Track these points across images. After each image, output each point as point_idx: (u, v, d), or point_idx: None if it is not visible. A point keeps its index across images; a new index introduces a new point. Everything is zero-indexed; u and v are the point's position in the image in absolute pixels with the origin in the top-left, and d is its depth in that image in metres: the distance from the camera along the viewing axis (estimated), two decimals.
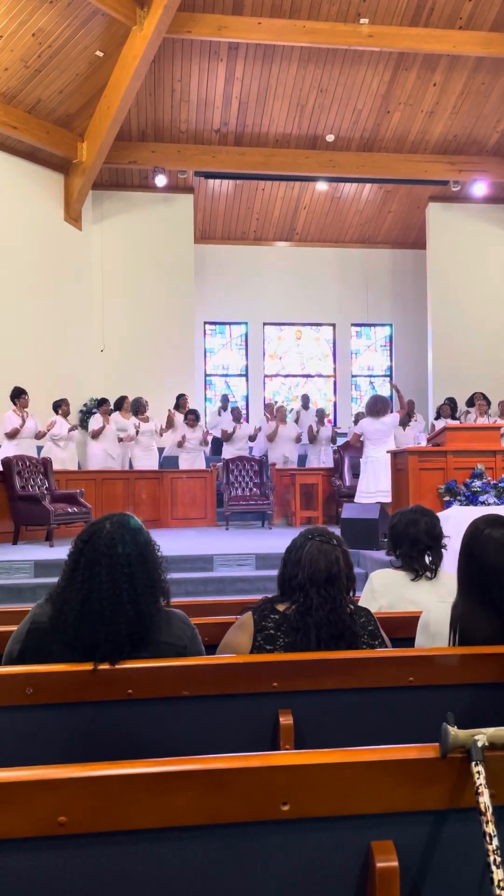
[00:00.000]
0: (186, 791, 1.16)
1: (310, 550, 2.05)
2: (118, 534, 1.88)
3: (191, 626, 2.00)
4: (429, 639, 2.17)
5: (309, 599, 1.98)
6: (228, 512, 9.12)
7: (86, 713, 1.78)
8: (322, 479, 9.51)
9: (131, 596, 1.82)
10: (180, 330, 12.34)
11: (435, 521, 2.82)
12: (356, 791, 1.19)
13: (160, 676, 1.80)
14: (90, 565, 1.84)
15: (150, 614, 1.85)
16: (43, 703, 1.76)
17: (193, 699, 1.81)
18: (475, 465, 6.03)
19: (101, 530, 1.88)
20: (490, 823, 1.12)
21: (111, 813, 1.15)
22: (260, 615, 2.06)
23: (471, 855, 1.20)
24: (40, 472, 7.93)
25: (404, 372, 14.22)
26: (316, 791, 1.18)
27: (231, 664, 1.88)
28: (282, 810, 1.17)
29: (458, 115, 11.49)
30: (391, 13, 10.08)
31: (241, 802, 1.17)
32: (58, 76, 9.79)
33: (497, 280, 12.85)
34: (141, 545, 1.90)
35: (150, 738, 1.79)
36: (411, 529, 2.76)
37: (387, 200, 13.26)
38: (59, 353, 10.81)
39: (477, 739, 1.20)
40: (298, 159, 11.80)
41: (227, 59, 10.50)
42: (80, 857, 1.14)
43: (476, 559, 2.04)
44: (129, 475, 9.24)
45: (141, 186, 12.23)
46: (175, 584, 6.78)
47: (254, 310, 13.73)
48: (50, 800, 1.13)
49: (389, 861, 1.15)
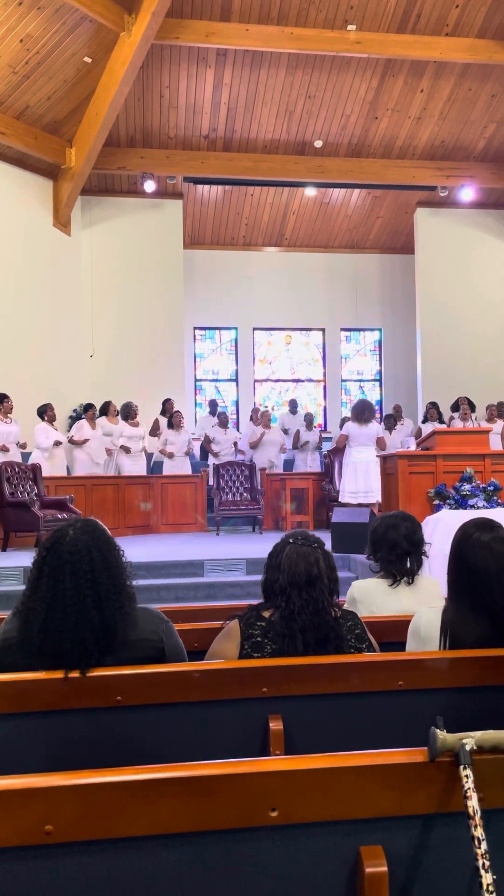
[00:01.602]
0: (174, 798, 1.16)
1: (289, 553, 2.05)
2: (81, 540, 1.86)
3: (164, 619, 1.99)
4: (420, 643, 2.17)
5: (291, 603, 1.98)
6: (219, 517, 9.11)
7: (75, 721, 1.77)
8: (312, 483, 9.51)
9: (95, 602, 1.80)
10: (170, 335, 12.34)
11: (416, 526, 2.81)
12: (344, 796, 1.18)
13: (149, 683, 1.79)
14: (53, 573, 1.82)
15: (114, 620, 1.83)
16: (31, 712, 1.74)
17: (183, 705, 1.81)
18: (464, 468, 6.04)
19: (64, 537, 1.87)
20: (478, 827, 1.12)
21: (98, 821, 1.14)
22: (246, 623, 2.04)
23: (460, 859, 1.19)
24: (29, 478, 7.90)
25: (393, 376, 14.28)
26: (304, 796, 1.18)
27: (220, 670, 1.87)
28: (270, 816, 1.17)
29: (445, 121, 11.56)
30: (378, 20, 10.14)
31: (230, 809, 1.16)
32: (46, 82, 9.79)
33: (485, 284, 12.92)
34: (105, 551, 1.88)
35: (140, 745, 1.78)
36: (391, 534, 2.76)
37: (375, 206, 13.32)
38: (49, 359, 10.78)
39: (465, 743, 1.20)
40: (287, 165, 11.84)
41: (215, 65, 10.53)
42: (68, 866, 1.13)
43: (466, 563, 2.04)
44: (119, 480, 9.21)
45: (130, 192, 12.23)
46: (165, 589, 6.70)
47: (243, 315, 13.75)
48: (36, 808, 1.12)
49: (378, 866, 1.15)
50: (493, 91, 11.15)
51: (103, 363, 11.83)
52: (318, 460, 10.50)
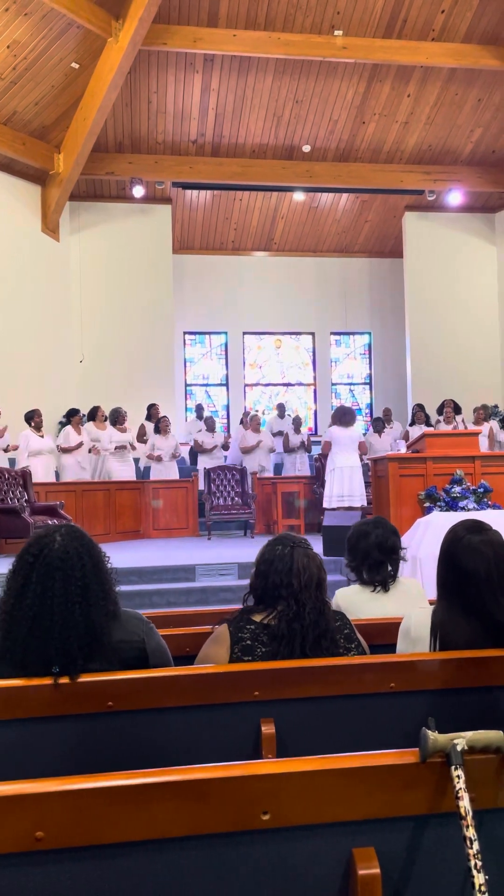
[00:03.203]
0: (165, 803, 1.15)
1: (300, 558, 2.06)
2: (71, 546, 1.84)
3: (145, 620, 1.98)
4: (410, 644, 2.18)
5: (301, 606, 1.99)
6: (210, 521, 9.10)
7: (66, 727, 1.76)
8: (303, 487, 9.52)
9: (84, 609, 1.79)
10: (160, 340, 12.33)
11: (388, 533, 2.79)
12: (336, 798, 1.18)
13: (141, 688, 1.78)
14: (43, 580, 1.79)
15: (100, 625, 1.82)
16: (21, 718, 1.73)
17: (174, 710, 1.80)
18: (454, 470, 6.07)
19: (52, 543, 1.84)
20: (470, 828, 1.12)
21: (90, 827, 1.13)
22: (236, 626, 2.04)
23: (452, 859, 1.19)
24: (19, 484, 7.87)
25: (383, 379, 14.33)
26: (296, 799, 1.17)
27: (212, 674, 1.87)
28: (262, 819, 1.16)
29: (432, 126, 11.63)
30: (365, 25, 10.19)
31: (221, 813, 1.16)
32: (33, 88, 9.78)
33: (473, 287, 12.99)
34: (94, 557, 1.88)
35: (132, 750, 1.77)
36: (362, 543, 2.76)
37: (363, 210, 13.37)
38: (38, 365, 10.75)
39: (456, 743, 1.20)
40: (275, 170, 11.87)
41: (202, 70, 10.56)
42: (59, 872, 1.13)
43: (457, 565, 2.04)
44: (110, 486, 9.18)
45: (118, 197, 12.23)
46: (157, 594, 6.68)
47: (233, 319, 13.76)
48: (27, 814, 1.12)
49: (371, 868, 1.15)
50: (480, 95, 11.23)
51: (93, 369, 11.81)
52: (308, 464, 10.51)
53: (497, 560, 2.03)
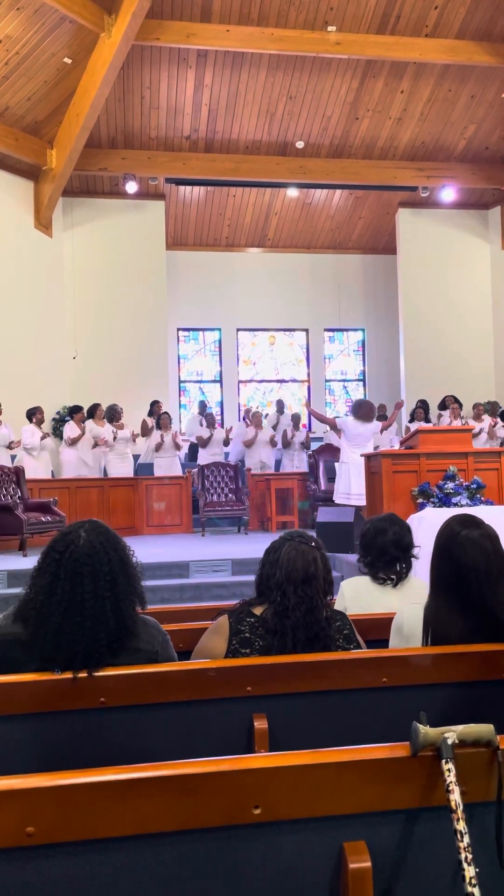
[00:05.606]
0: (156, 797, 1.15)
1: (287, 551, 2.06)
2: (97, 542, 1.85)
3: (162, 631, 1.99)
4: (403, 640, 2.18)
5: (286, 599, 1.99)
6: (204, 518, 9.10)
7: (58, 723, 1.75)
8: (297, 483, 9.52)
9: (114, 604, 1.80)
10: (153, 336, 12.30)
11: (404, 531, 2.81)
12: (327, 792, 1.18)
13: (133, 684, 1.78)
14: (71, 576, 1.80)
15: (131, 621, 1.84)
16: (14, 714, 1.73)
17: (167, 705, 1.80)
18: (448, 466, 6.08)
19: (78, 539, 1.84)
20: (461, 821, 1.13)
21: (81, 822, 1.13)
22: (236, 619, 2.05)
23: (443, 853, 1.20)
24: (13, 480, 7.85)
25: (377, 375, 14.34)
26: (287, 793, 1.17)
27: (204, 669, 1.87)
28: (253, 814, 1.16)
29: (425, 122, 11.62)
30: (358, 21, 10.17)
31: (213, 807, 1.16)
32: (26, 83, 9.74)
33: (466, 284, 13.00)
34: (120, 551, 1.89)
35: (124, 746, 1.77)
36: (379, 539, 2.77)
37: (357, 206, 13.36)
38: (31, 361, 10.71)
39: (447, 737, 1.20)
40: (269, 166, 11.85)
41: (196, 66, 10.52)
42: (50, 867, 1.12)
43: (453, 560, 2.03)
44: (104, 482, 9.18)
45: (112, 193, 12.18)
46: (151, 591, 6.73)
47: (227, 316, 13.74)
48: (17, 810, 1.11)
49: (362, 861, 1.15)
50: (473, 92, 11.23)
51: (86, 365, 11.78)
52: (305, 460, 10.52)
53: (496, 554, 2.03)
